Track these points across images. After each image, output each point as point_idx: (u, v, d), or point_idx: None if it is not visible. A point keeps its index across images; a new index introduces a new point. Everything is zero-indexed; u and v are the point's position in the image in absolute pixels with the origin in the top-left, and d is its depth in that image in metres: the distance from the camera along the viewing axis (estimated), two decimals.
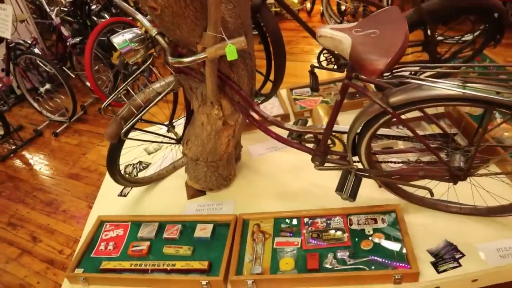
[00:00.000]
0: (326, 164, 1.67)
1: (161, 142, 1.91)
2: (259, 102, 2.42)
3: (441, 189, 1.64)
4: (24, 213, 2.62)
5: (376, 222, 1.66)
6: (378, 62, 1.05)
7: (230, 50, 1.24)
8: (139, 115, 1.57)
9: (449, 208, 1.67)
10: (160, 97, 1.58)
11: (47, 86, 3.65)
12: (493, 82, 1.14)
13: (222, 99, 1.63)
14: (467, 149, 1.44)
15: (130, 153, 2.34)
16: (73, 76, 3.93)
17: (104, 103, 1.59)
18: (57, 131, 3.51)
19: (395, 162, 1.64)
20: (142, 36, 1.39)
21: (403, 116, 1.32)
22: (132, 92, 1.58)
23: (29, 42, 3.74)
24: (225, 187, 2.05)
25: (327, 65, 2.27)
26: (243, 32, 1.46)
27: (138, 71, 1.57)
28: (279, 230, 1.72)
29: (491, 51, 3.03)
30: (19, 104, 4.24)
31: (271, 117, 1.64)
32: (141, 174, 2.29)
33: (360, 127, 1.46)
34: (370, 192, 1.79)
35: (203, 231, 1.79)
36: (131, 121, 1.57)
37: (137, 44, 1.39)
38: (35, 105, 3.84)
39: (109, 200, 2.16)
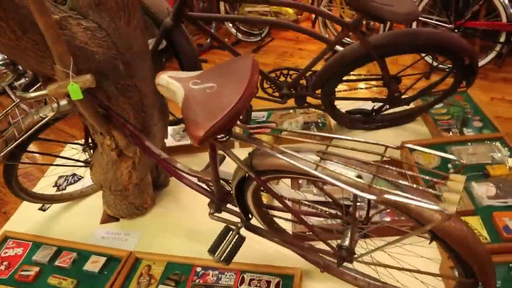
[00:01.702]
0: (223, 214, 1.49)
1: (67, 166, 1.80)
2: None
3: None
4: None
5: (269, 285, 1.47)
6: (198, 127, 0.87)
7: (73, 89, 1.10)
8: (19, 140, 1.46)
9: (357, 281, 1.46)
10: (43, 121, 1.47)
11: None
12: (355, 161, 0.93)
13: (113, 130, 1.49)
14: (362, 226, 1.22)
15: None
16: None
17: None
18: None
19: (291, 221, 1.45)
20: (7, 60, 1.27)
21: None
22: (18, 116, 1.48)
23: None
24: (139, 215, 1.92)
25: (272, 92, 2.07)
26: (120, 62, 1.31)
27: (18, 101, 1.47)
28: (166, 277, 1.57)
29: (487, 87, 2.72)
30: None
31: (163, 154, 1.48)
32: (71, 188, 2.19)
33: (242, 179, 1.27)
34: (278, 247, 1.59)
35: (93, 264, 1.67)
36: (10, 145, 1.47)
37: (2, 67, 1.27)
38: None
39: (30, 213, 2.08)
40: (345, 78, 1.94)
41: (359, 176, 0.89)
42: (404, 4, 1.57)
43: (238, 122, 1.00)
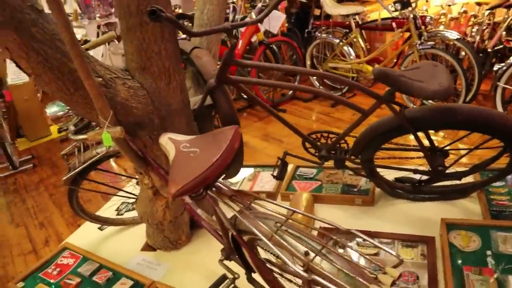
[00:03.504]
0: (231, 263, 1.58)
1: (120, 196, 2.08)
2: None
3: None
4: (53, 218, 3.09)
5: None
6: (173, 185, 1.01)
7: (106, 137, 1.34)
8: (78, 169, 1.77)
9: None
10: (97, 157, 1.76)
11: None
12: (307, 237, 0.97)
13: (150, 172, 1.72)
14: None
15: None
16: None
17: (63, 152, 1.85)
18: None
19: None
20: None
21: None
22: (82, 151, 1.81)
23: None
24: (173, 249, 2.10)
25: (315, 152, 2.14)
26: (156, 116, 1.54)
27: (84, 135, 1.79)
28: None
29: None
30: None
31: (187, 199, 1.65)
32: (127, 214, 2.49)
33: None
34: None
35: (121, 286, 1.88)
36: (71, 172, 1.79)
37: (70, 111, 1.59)
38: None
39: (90, 230, 2.41)
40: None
41: (307, 253, 0.93)
42: (436, 80, 1.55)
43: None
